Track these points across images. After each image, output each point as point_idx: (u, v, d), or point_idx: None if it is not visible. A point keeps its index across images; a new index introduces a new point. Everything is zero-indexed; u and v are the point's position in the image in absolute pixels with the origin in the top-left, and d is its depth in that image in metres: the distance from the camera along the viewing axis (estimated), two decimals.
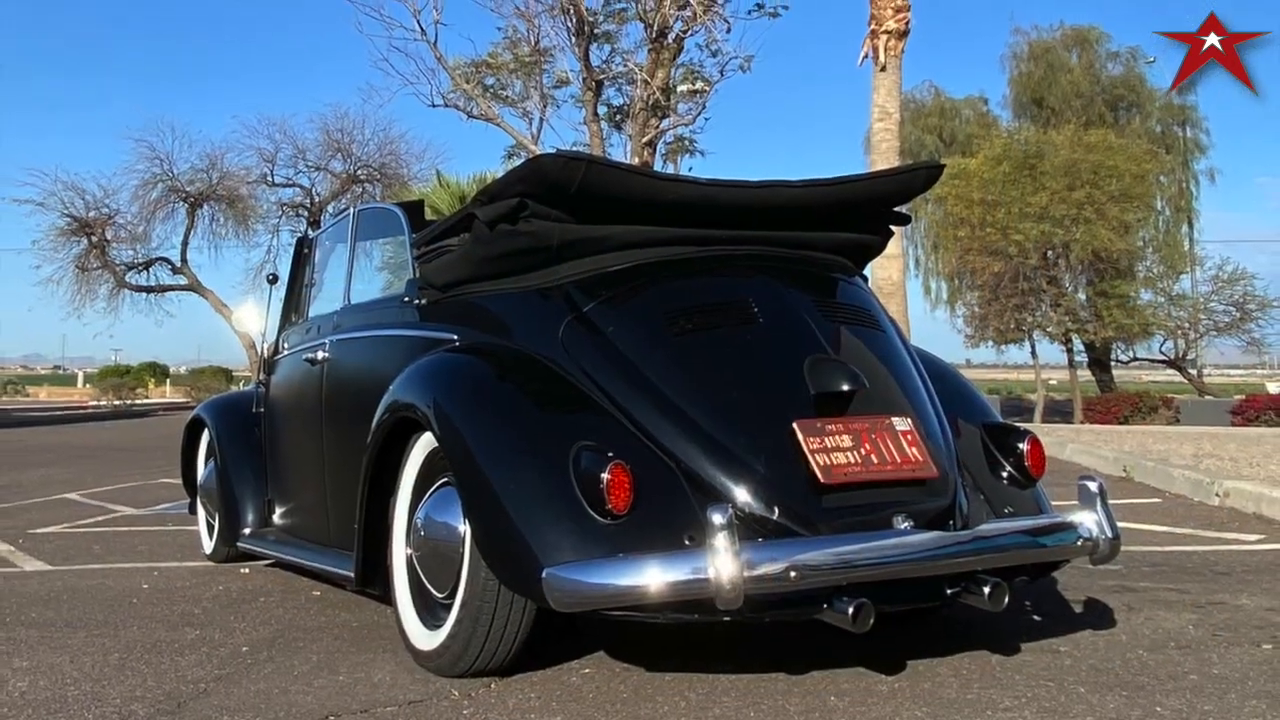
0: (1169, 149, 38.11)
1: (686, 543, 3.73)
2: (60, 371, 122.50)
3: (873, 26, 19.86)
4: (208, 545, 7.13)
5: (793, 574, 3.62)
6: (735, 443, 3.97)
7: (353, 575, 4.91)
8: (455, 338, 4.86)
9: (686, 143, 23.13)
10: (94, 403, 45.74)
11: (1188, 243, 37.22)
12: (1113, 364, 35.86)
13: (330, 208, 39.17)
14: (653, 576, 3.58)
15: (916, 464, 4.06)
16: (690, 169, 22.74)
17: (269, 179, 40.96)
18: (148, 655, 4.65)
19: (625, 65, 20.72)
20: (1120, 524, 4.44)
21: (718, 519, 3.57)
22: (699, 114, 21.85)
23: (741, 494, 3.86)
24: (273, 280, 7.37)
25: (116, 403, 43.59)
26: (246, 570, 6.66)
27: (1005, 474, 4.53)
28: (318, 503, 5.97)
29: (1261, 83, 16.33)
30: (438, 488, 4.42)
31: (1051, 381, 34.26)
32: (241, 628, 5.14)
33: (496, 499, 3.93)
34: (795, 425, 3.97)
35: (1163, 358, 35.34)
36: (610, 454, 3.83)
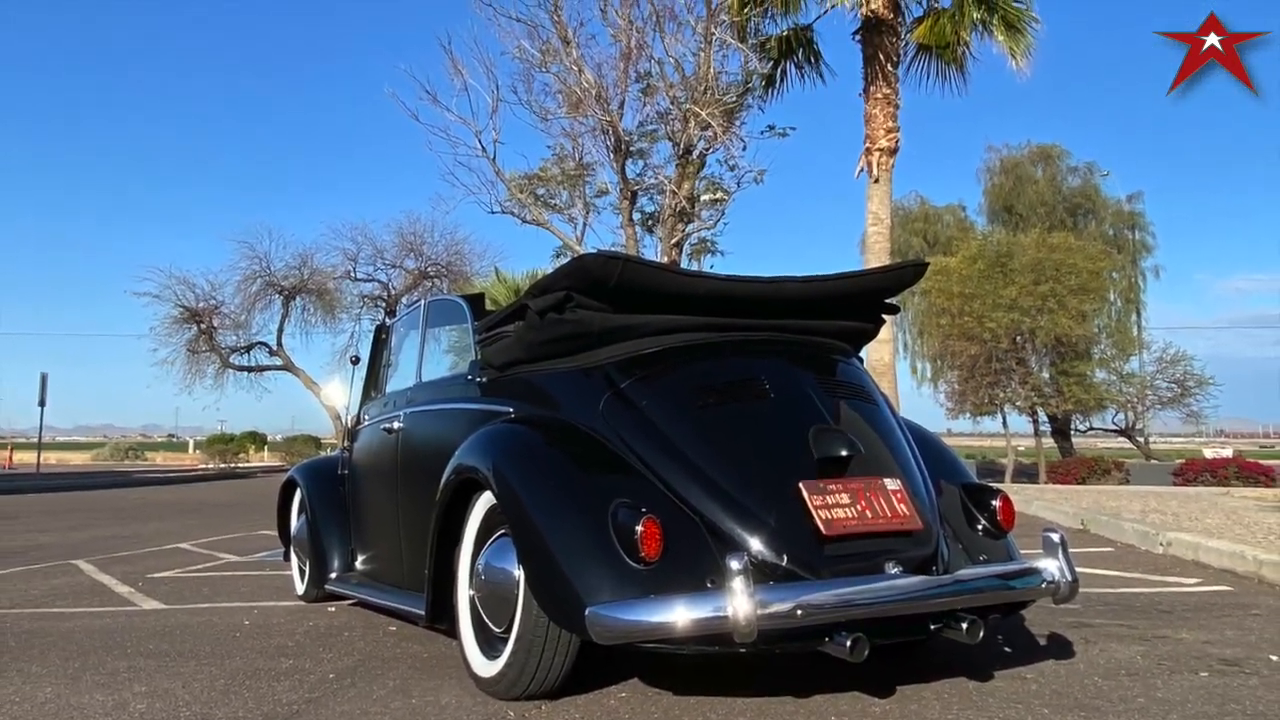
0: (1120, 249, 38.21)
1: (708, 585, 3.73)
2: (174, 439, 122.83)
3: (867, 144, 19.98)
4: (300, 587, 7.13)
5: (799, 612, 3.63)
6: (750, 500, 3.97)
7: (424, 613, 4.90)
8: (511, 410, 4.89)
9: (709, 244, 23.16)
10: (203, 466, 45.92)
11: (1136, 329, 37.22)
12: (1072, 433, 35.82)
13: (404, 299, 39.22)
14: (680, 614, 3.58)
15: (905, 518, 4.06)
16: (712, 266, 22.76)
17: (352, 275, 41.13)
18: (249, 681, 4.65)
19: (656, 178, 20.82)
20: (1078, 569, 4.43)
21: (735, 565, 3.58)
22: (719, 219, 21.92)
23: (755, 544, 3.86)
24: (355, 361, 7.41)
25: (222, 466, 43.79)
26: (333, 609, 6.66)
27: (980, 526, 4.52)
28: (393, 551, 5.98)
29: (1261, 83, 15.08)
30: (496, 538, 4.43)
31: (1020, 448, 34.01)
32: (329, 658, 5.13)
33: (546, 548, 3.93)
34: (801, 485, 3.98)
35: (1115, 428, 35.37)
36: (643, 509, 3.85)
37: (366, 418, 6.87)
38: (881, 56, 19.98)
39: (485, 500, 4.51)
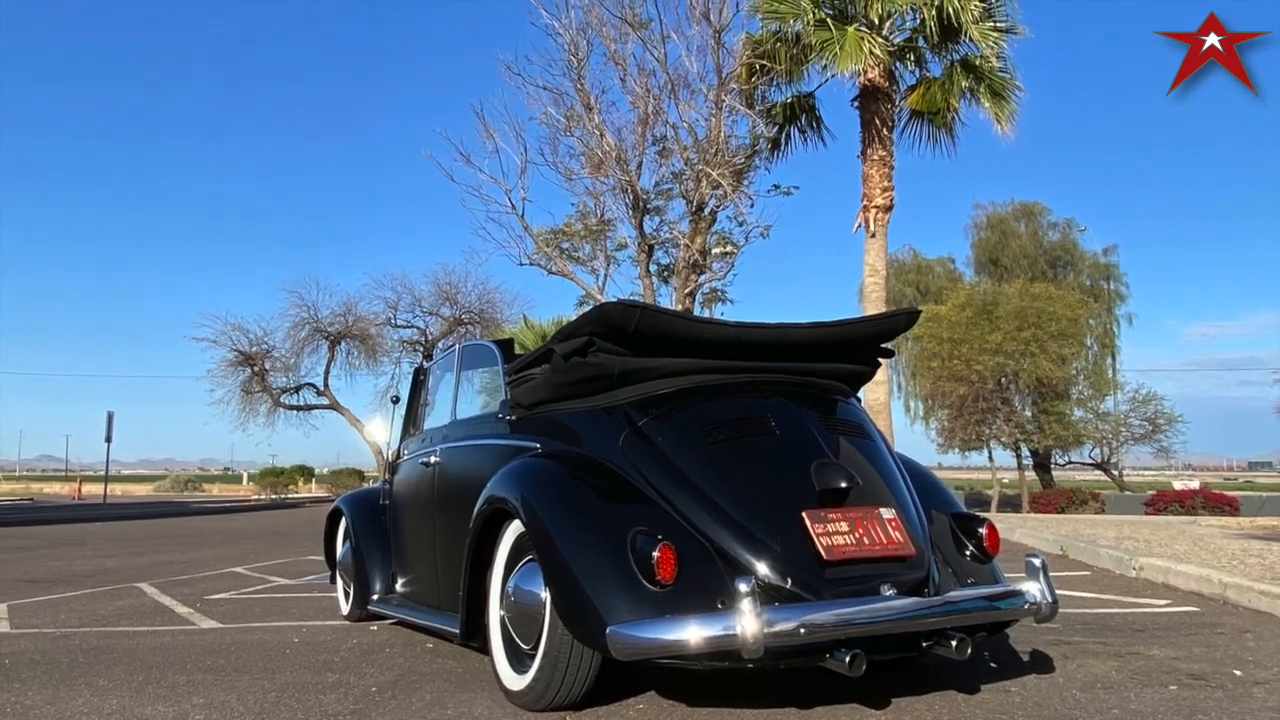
0: (1097, 298, 38.15)
1: (719, 606, 3.74)
2: (229, 472, 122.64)
3: (864, 202, 20.01)
4: (345, 608, 7.13)
5: (802, 631, 3.63)
6: (757, 528, 3.97)
7: (458, 631, 4.92)
8: (538, 446, 4.90)
9: (719, 293, 23.09)
10: (255, 497, 45.86)
11: (1111, 371, 37.10)
12: (1052, 466, 35.67)
13: (440, 344, 39.19)
14: (693, 633, 3.59)
15: (899, 545, 4.07)
16: (722, 314, 22.71)
17: (392, 321, 41.03)
18: (298, 694, 4.66)
19: (671, 233, 20.79)
20: (1058, 591, 4.42)
21: (743, 587, 3.59)
22: (729, 270, 21.86)
23: (762, 568, 3.87)
24: (395, 401, 7.44)
25: (273, 496, 43.72)
26: (375, 628, 6.66)
27: (968, 552, 4.51)
28: (430, 574, 5.99)
29: (1261, 83, 14.22)
30: (524, 563, 4.44)
31: (1004, 480, 33.90)
32: (371, 673, 5.14)
33: (570, 572, 3.94)
34: (804, 514, 3.99)
35: (1091, 461, 35.24)
36: (659, 536, 3.86)
37: (406, 452, 6.89)
38: (878, 121, 20.05)
39: (514, 528, 4.53)
